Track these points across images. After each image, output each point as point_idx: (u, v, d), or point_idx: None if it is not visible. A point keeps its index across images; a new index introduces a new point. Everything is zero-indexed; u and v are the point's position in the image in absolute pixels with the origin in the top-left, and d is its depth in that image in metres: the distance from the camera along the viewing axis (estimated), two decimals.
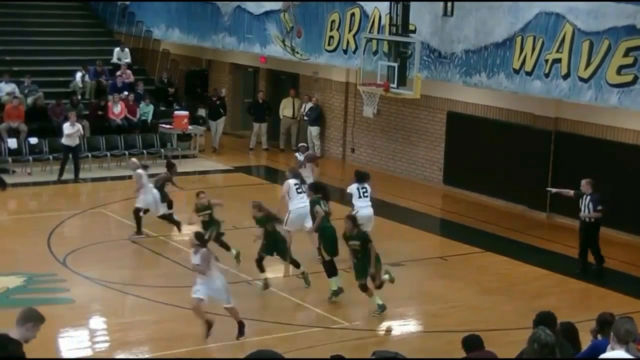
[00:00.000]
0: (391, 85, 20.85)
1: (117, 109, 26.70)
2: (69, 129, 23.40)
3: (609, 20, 17.75)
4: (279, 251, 15.53)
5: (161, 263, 17.43)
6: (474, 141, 22.92)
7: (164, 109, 28.36)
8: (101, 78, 28.43)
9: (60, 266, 16.81)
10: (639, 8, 17.25)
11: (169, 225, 18.77)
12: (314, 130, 27.31)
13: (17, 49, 29.10)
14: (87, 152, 24.93)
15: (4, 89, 26.48)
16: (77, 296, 15.32)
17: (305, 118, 27.43)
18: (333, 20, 24.32)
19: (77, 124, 23.66)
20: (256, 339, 13.59)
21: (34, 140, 24.83)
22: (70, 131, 23.36)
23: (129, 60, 29.72)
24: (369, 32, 22.80)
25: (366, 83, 21.82)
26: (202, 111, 29.19)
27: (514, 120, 22.07)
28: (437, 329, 14.38)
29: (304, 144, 21.09)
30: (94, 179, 24.01)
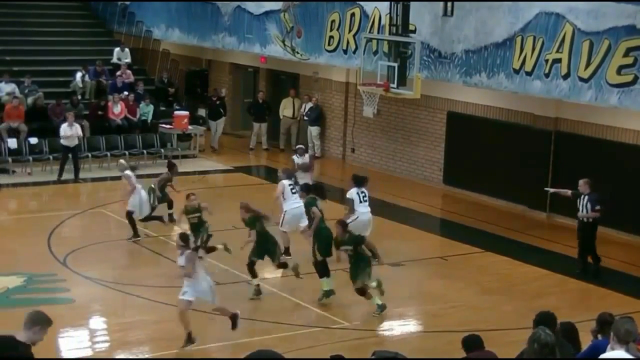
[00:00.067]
0: (391, 85, 20.85)
1: (117, 109, 26.70)
2: (67, 130, 23.40)
3: (609, 20, 17.75)
4: (270, 253, 15.35)
5: (161, 263, 17.42)
6: (474, 141, 22.92)
7: (164, 109, 28.36)
8: (101, 78, 28.44)
9: (60, 266, 16.82)
10: (639, 8, 17.25)
11: (168, 225, 18.77)
12: (314, 130, 27.31)
13: (17, 49, 29.11)
14: (87, 152, 24.93)
15: (4, 89, 26.49)
16: (77, 296, 15.32)
17: (305, 118, 27.43)
18: (333, 20, 24.32)
19: (76, 125, 23.66)
20: (256, 339, 13.59)
21: (34, 140, 24.83)
22: (68, 133, 23.35)
23: (129, 60, 29.72)
24: (369, 32, 22.80)
25: (366, 83, 21.82)
26: (202, 111, 29.19)
27: (514, 120, 22.07)
28: (437, 329, 14.38)
29: (302, 145, 20.93)
30: (94, 179, 24.00)
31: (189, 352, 12.99)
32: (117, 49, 29.85)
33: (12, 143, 24.61)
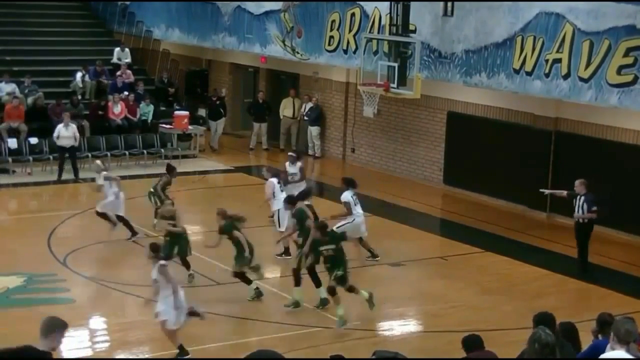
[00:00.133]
0: (391, 85, 20.85)
1: (117, 109, 26.69)
2: (63, 130, 23.41)
3: (609, 20, 17.75)
4: (252, 253, 15.14)
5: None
6: (474, 141, 22.92)
7: (164, 109, 28.36)
8: (101, 78, 28.44)
9: (60, 266, 16.82)
10: (639, 8, 17.26)
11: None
12: (314, 130, 27.31)
13: (17, 49, 29.12)
14: (87, 152, 24.92)
15: (4, 89, 26.49)
16: (77, 296, 15.33)
17: (306, 118, 27.43)
18: (333, 20, 24.32)
19: (72, 125, 23.66)
20: (256, 339, 13.60)
21: (34, 140, 24.84)
22: (65, 134, 23.37)
23: (129, 60, 29.72)
24: (369, 32, 22.80)
25: (366, 83, 21.83)
26: (202, 111, 29.19)
27: (514, 120, 22.07)
28: (437, 329, 14.38)
29: (293, 153, 20.52)
30: (94, 179, 23.93)
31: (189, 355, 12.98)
32: (117, 49, 29.85)
33: (12, 143, 24.62)
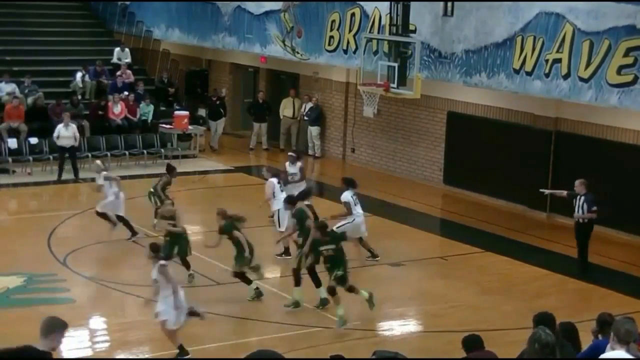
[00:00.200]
0: (391, 85, 20.85)
1: (117, 109, 26.69)
2: (63, 130, 23.41)
3: (609, 20, 17.75)
4: (252, 254, 15.15)
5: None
6: (474, 141, 22.92)
7: (164, 109, 28.36)
8: (101, 78, 28.44)
9: (60, 266, 16.82)
10: (639, 8, 17.26)
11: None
12: (314, 130, 27.31)
13: (17, 49, 29.12)
14: (87, 152, 24.92)
15: (4, 89, 26.49)
16: (77, 296, 15.33)
17: (306, 118, 27.43)
18: (333, 20, 24.32)
19: (72, 125, 23.66)
20: (256, 339, 13.60)
21: (34, 140, 24.84)
22: (65, 133, 23.38)
23: (129, 60, 29.72)
24: (369, 32, 22.80)
25: (366, 83, 21.83)
26: (202, 111, 29.19)
27: (514, 120, 22.07)
28: (437, 329, 14.38)
29: (293, 153, 20.51)
30: (94, 179, 23.92)
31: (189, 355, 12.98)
32: (117, 49, 29.85)
33: (12, 143, 24.62)
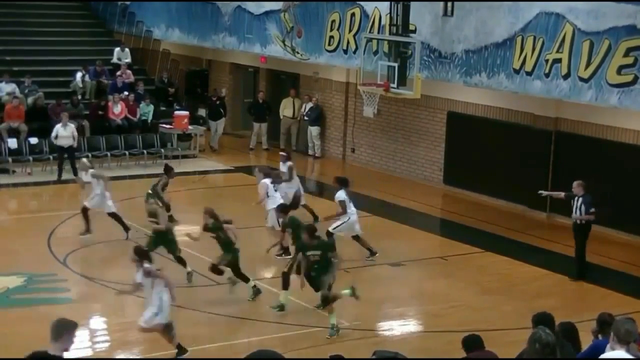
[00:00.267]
0: (391, 85, 20.85)
1: (117, 109, 26.69)
2: (61, 130, 23.41)
3: (609, 20, 17.75)
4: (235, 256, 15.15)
5: (161, 262, 17.35)
6: (474, 141, 22.92)
7: (164, 109, 28.36)
8: (101, 78, 28.44)
9: (60, 266, 16.82)
10: (639, 8, 17.26)
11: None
12: (314, 130, 27.32)
13: (17, 49, 29.11)
14: (87, 152, 24.87)
15: (4, 89, 26.48)
16: (77, 296, 15.34)
17: (306, 118, 27.43)
18: (333, 20, 24.32)
19: (70, 125, 23.65)
20: (256, 339, 13.59)
21: (34, 140, 24.83)
22: (63, 133, 23.37)
23: (129, 60, 29.72)
24: (369, 32, 22.80)
25: (366, 83, 21.83)
26: (202, 111, 29.19)
27: (514, 120, 22.07)
28: (437, 329, 14.38)
29: (283, 152, 20.50)
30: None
31: (188, 352, 12.96)
32: (117, 49, 29.85)
33: (12, 143, 24.61)
